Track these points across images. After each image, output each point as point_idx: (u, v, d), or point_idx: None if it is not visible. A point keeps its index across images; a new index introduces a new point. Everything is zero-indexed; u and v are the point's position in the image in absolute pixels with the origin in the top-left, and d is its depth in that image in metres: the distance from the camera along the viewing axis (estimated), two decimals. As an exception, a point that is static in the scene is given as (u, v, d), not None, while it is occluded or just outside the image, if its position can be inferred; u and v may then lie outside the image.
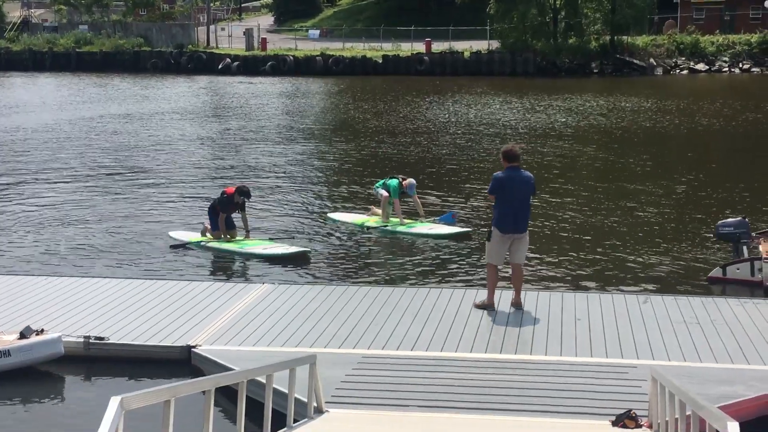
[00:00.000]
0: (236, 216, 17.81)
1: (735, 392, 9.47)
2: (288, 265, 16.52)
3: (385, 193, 18.92)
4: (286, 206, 22.02)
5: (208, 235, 17.80)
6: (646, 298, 13.06)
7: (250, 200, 18.06)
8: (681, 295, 13.45)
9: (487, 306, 12.49)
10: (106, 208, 21.80)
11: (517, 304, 12.59)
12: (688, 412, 7.06)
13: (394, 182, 18.91)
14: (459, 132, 36.06)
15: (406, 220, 18.95)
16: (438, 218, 19.25)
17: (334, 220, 19.89)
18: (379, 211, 19.28)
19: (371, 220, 19.28)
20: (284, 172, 27.24)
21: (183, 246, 17.70)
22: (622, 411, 8.74)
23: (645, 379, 9.39)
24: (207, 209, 18.29)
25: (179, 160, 29.60)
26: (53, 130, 37.70)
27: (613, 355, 10.80)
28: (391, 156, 30.17)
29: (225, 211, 17.59)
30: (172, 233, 18.50)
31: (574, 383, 9.83)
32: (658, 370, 8.31)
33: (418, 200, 19.36)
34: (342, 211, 20.83)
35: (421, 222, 18.96)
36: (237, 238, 17.67)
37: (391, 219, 19.01)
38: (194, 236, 18.06)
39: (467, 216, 20.28)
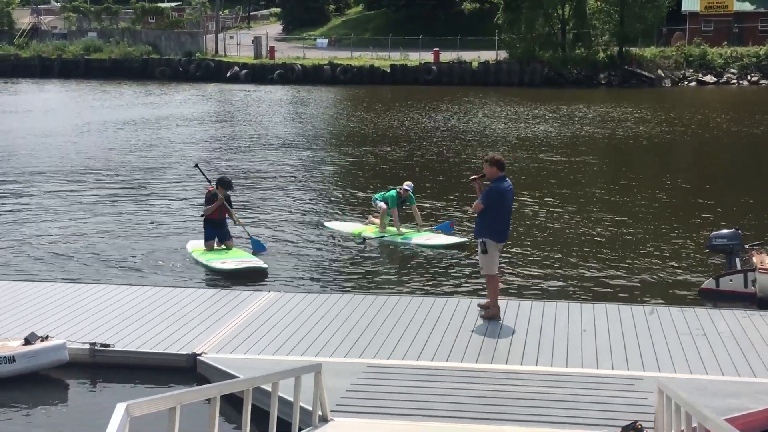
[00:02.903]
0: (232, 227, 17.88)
1: (741, 405, 9.44)
2: (294, 273, 16.54)
3: (383, 205, 18.96)
4: (284, 214, 22.00)
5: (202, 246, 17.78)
6: (652, 310, 13.02)
7: (233, 190, 17.92)
8: (687, 307, 13.40)
9: (494, 316, 12.48)
10: (112, 214, 21.83)
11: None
12: (694, 425, 7.04)
13: (392, 193, 18.97)
14: (462, 140, 36.07)
15: (403, 230, 18.94)
16: (436, 227, 19.26)
17: (332, 230, 19.86)
18: (377, 221, 19.29)
19: (368, 230, 19.27)
20: (284, 180, 27.27)
21: None
22: (628, 423, 8.71)
23: (651, 391, 9.37)
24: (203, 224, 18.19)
25: (184, 167, 29.65)
26: (59, 136, 37.81)
27: (619, 366, 10.78)
28: (392, 164, 30.20)
29: (208, 204, 17.50)
30: (189, 243, 18.45)
31: (579, 394, 9.81)
32: (664, 382, 8.29)
33: (416, 210, 19.35)
34: (340, 221, 20.81)
35: (419, 232, 18.95)
36: (234, 250, 17.58)
37: (388, 229, 19.02)
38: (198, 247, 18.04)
39: (466, 224, 20.25)
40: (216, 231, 17.61)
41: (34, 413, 10.36)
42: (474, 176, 12.90)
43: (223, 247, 17.56)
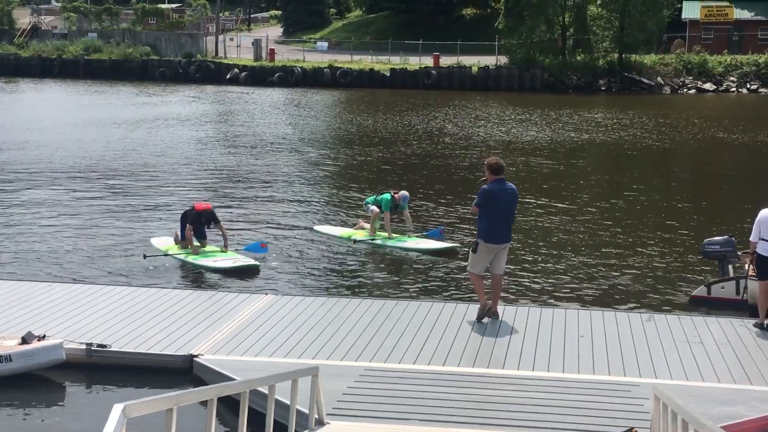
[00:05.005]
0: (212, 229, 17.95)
1: (737, 412, 9.45)
2: (291, 276, 16.55)
3: (375, 209, 18.91)
4: (279, 217, 21.97)
5: (178, 243, 17.86)
6: (649, 317, 13.04)
7: (217, 220, 17.82)
8: (684, 314, 13.44)
9: (482, 306, 12.59)
10: (110, 215, 21.82)
11: (495, 314, 12.70)
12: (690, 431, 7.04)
13: (386, 196, 18.91)
14: (460, 145, 36.07)
15: (394, 235, 18.92)
16: (426, 233, 19.24)
17: (322, 233, 19.85)
18: (367, 225, 19.26)
19: (359, 234, 19.24)
20: (275, 182, 27.24)
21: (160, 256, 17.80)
22: (624, 429, 8.72)
23: (647, 398, 9.38)
24: (180, 217, 18.28)
25: (179, 168, 29.69)
26: (58, 136, 37.71)
27: (615, 372, 10.78)
28: (389, 168, 30.23)
29: (192, 224, 17.56)
30: (153, 240, 18.68)
31: (576, 400, 9.81)
32: (660, 389, 8.30)
33: (408, 215, 19.32)
34: (331, 224, 20.81)
35: (409, 237, 18.93)
36: (206, 248, 17.64)
37: (378, 233, 19.00)
38: (169, 244, 18.15)
39: (456, 230, 20.26)
40: (197, 231, 17.74)
41: (30, 413, 10.35)
42: (484, 178, 12.98)
43: (197, 244, 17.63)
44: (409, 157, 32.77)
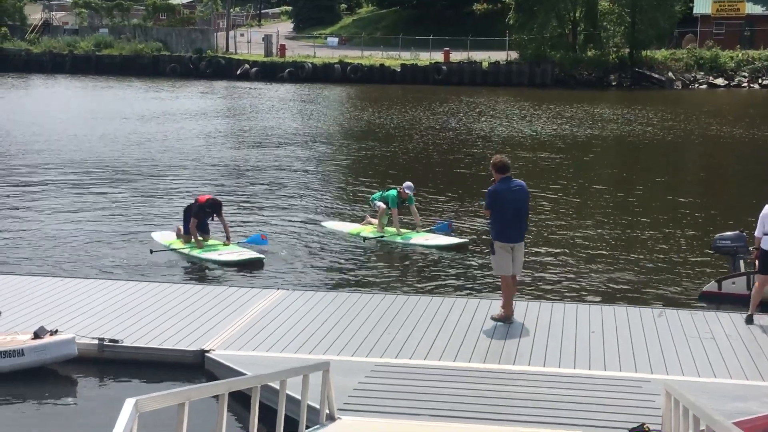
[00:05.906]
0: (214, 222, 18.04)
1: (748, 408, 9.42)
2: (301, 271, 16.56)
3: (382, 205, 18.90)
4: (289, 212, 22.01)
5: (181, 238, 17.94)
6: (660, 312, 13.01)
7: (221, 211, 17.95)
8: (695, 310, 13.41)
9: (506, 318, 12.45)
10: (123, 210, 21.87)
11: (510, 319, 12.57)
12: (702, 428, 7.03)
13: (392, 192, 18.90)
14: (469, 140, 36.03)
15: (402, 231, 18.91)
16: (434, 227, 19.22)
17: (330, 230, 19.84)
18: (375, 221, 19.25)
19: (367, 230, 19.22)
20: (283, 178, 27.23)
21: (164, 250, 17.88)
22: (636, 425, 8.71)
23: (659, 394, 9.36)
24: (183, 211, 18.39)
25: (188, 163, 29.74)
26: (68, 132, 37.78)
27: (626, 368, 10.76)
28: (393, 164, 30.20)
29: (196, 217, 17.64)
30: (154, 234, 18.77)
31: (587, 396, 9.80)
32: (672, 385, 8.29)
33: (415, 210, 19.30)
34: (339, 220, 20.81)
35: (418, 232, 18.91)
36: (209, 242, 17.74)
37: (387, 229, 18.99)
38: (170, 238, 18.24)
39: (465, 225, 20.26)
40: (200, 224, 17.82)
41: (43, 407, 10.38)
42: (493, 179, 12.91)
43: (200, 238, 17.70)
44: (417, 153, 32.74)
